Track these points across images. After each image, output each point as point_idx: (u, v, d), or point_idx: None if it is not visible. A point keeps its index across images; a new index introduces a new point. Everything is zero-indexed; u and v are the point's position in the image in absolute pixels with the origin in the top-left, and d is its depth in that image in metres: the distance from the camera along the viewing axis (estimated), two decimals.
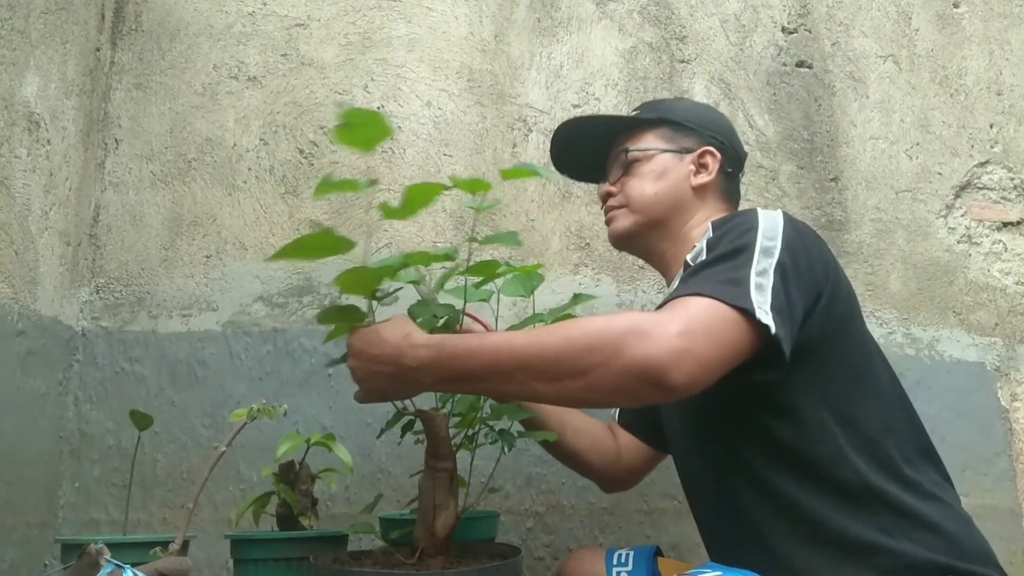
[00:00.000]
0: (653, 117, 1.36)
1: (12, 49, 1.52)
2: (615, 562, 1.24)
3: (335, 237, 1.06)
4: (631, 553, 1.23)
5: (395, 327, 1.02)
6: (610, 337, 0.92)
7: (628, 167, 1.34)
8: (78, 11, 1.74)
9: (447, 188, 1.14)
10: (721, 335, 0.95)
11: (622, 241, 1.36)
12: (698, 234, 1.25)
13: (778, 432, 1.05)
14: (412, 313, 1.26)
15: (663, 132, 1.35)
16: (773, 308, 0.97)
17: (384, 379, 1.01)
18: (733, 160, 1.36)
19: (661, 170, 1.32)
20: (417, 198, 1.10)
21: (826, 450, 1.03)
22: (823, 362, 1.05)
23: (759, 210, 1.12)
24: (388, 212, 1.11)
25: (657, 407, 1.40)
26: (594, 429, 1.47)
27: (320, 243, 1.08)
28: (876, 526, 1.00)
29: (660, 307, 1.10)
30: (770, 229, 1.06)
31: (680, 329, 0.92)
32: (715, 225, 1.15)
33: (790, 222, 1.09)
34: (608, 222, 1.36)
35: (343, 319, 1.19)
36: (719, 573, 0.95)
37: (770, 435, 1.06)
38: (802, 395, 1.04)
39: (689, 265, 1.11)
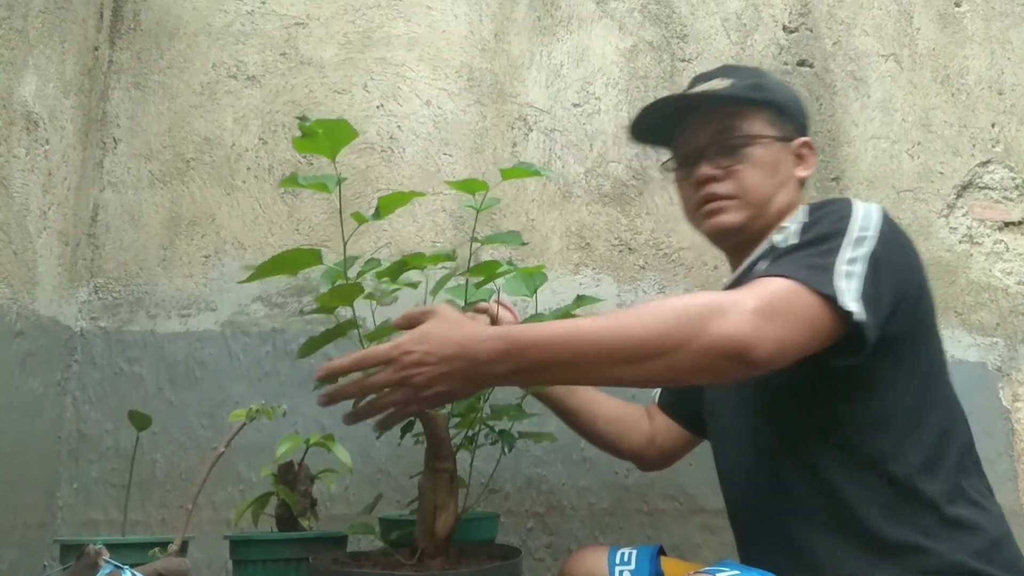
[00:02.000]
0: (761, 98, 1.24)
1: (10, 48, 1.52)
2: (618, 561, 1.23)
3: (305, 252, 1.15)
4: (634, 552, 1.23)
5: (453, 323, 0.97)
6: (690, 317, 0.92)
7: (738, 151, 1.21)
8: (76, 10, 1.74)
9: (420, 195, 1.22)
10: (800, 317, 0.95)
11: (728, 236, 1.26)
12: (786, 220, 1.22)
13: (843, 418, 1.06)
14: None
15: (770, 116, 1.24)
16: (862, 296, 0.97)
17: (453, 379, 0.95)
18: None
19: (775, 161, 1.22)
20: (389, 206, 1.18)
21: (885, 443, 1.03)
22: (901, 357, 1.06)
23: (855, 200, 1.10)
24: (360, 218, 1.18)
25: (700, 391, 1.38)
26: (627, 416, 1.46)
27: (291, 259, 1.16)
28: (917, 527, 1.00)
29: (731, 287, 1.14)
30: (865, 219, 1.05)
31: (758, 306, 0.93)
32: (811, 209, 1.13)
33: (887, 217, 1.08)
34: (711, 213, 1.24)
35: (329, 338, 1.22)
36: (736, 572, 0.94)
37: (833, 420, 1.06)
38: (876, 385, 1.05)
39: (776, 248, 1.09)
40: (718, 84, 1.24)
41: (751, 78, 1.27)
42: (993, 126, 2.00)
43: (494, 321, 1.24)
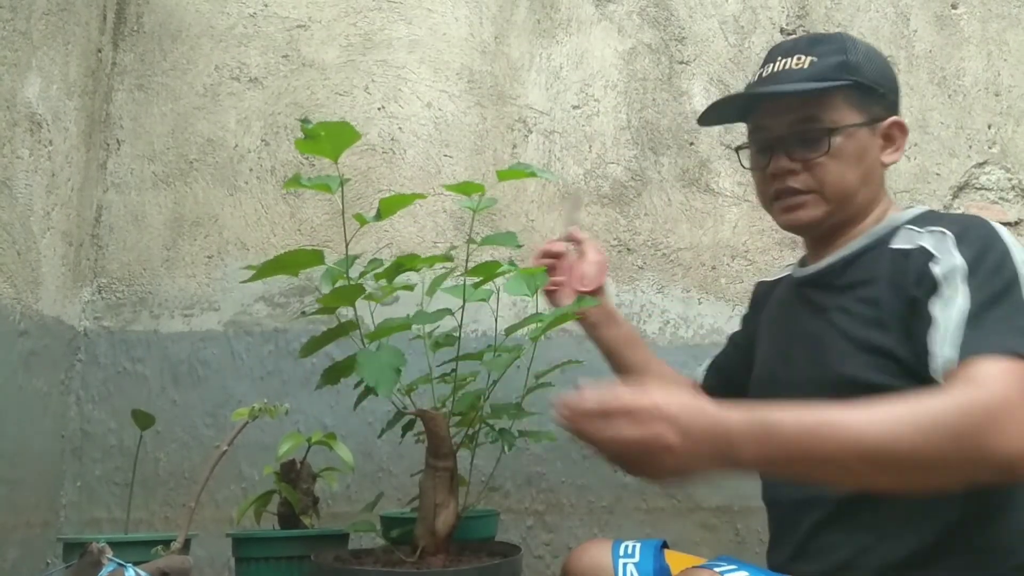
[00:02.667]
0: (846, 79, 1.11)
1: (14, 50, 1.53)
2: (622, 553, 1.22)
3: (307, 252, 1.17)
4: (638, 545, 1.22)
5: (701, 400, 0.89)
6: (969, 431, 0.84)
7: (820, 143, 1.11)
8: (80, 12, 1.75)
9: (421, 197, 1.22)
10: None
11: (806, 231, 1.19)
12: (876, 218, 1.14)
13: None
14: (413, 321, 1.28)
15: (855, 99, 1.12)
16: None
17: (702, 459, 0.86)
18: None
19: (860, 150, 1.12)
20: (390, 207, 1.19)
21: None
22: None
23: (988, 221, 1.03)
24: (361, 220, 1.19)
25: (747, 374, 1.30)
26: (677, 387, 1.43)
27: (293, 260, 1.18)
28: (1004, 535, 0.99)
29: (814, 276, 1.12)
30: (1019, 251, 0.99)
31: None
32: (958, 234, 1.01)
33: (1012, 238, 1.02)
34: (788, 208, 1.15)
35: (330, 338, 1.24)
36: (734, 567, 0.95)
37: None
38: None
39: (931, 274, 1.00)
40: (797, 63, 1.13)
41: (836, 53, 1.13)
42: (989, 127, 2.01)
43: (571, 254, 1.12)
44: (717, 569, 0.93)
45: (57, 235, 1.67)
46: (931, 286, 0.99)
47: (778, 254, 1.88)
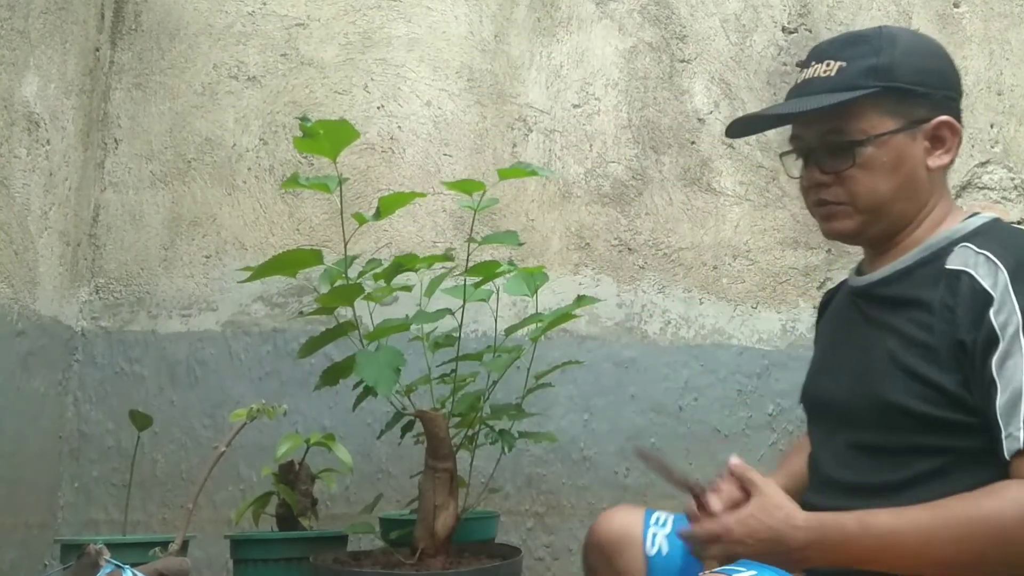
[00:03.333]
0: (875, 87, 1.06)
1: (12, 49, 1.52)
2: (652, 522, 1.22)
3: (306, 252, 1.17)
4: (671, 516, 1.22)
5: (773, 506, 0.99)
6: (1009, 539, 0.88)
7: (849, 154, 1.07)
8: (77, 11, 1.74)
9: (420, 196, 1.22)
10: None
11: (847, 240, 1.16)
12: (932, 225, 1.10)
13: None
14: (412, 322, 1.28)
15: (888, 104, 1.06)
16: None
17: (776, 562, 0.96)
18: (960, 114, 1.11)
19: (895, 159, 1.07)
20: (389, 206, 1.19)
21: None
22: None
23: None
24: (360, 219, 1.19)
25: None
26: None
27: (292, 259, 1.19)
28: None
29: (879, 282, 1.09)
30: None
31: None
32: (1012, 271, 0.97)
33: None
34: (824, 217, 1.12)
35: (329, 338, 1.24)
36: (754, 572, 0.95)
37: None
38: None
39: (991, 325, 0.96)
40: (824, 71, 1.10)
41: (869, 56, 1.07)
42: (992, 127, 2.00)
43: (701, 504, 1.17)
44: (736, 575, 0.93)
45: (55, 235, 1.67)
46: (990, 337, 0.95)
47: (780, 254, 1.87)
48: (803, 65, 1.16)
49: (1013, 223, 1.97)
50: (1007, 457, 0.92)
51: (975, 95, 2.02)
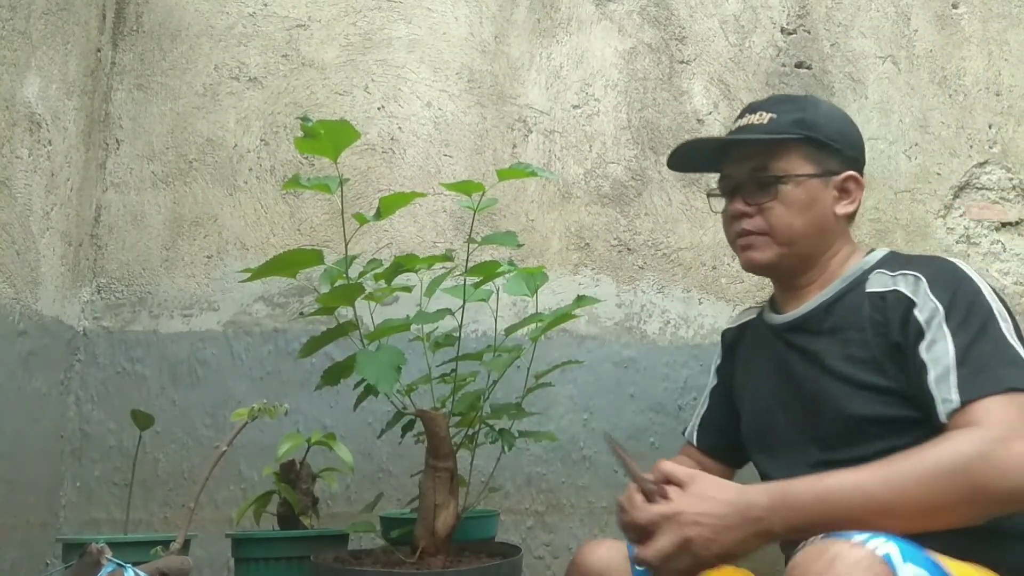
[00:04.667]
0: (799, 135, 1.23)
1: (13, 50, 1.53)
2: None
3: (306, 252, 1.18)
4: None
5: (717, 486, 1.00)
6: (968, 475, 0.93)
7: (770, 189, 1.23)
8: (79, 12, 1.75)
9: (420, 196, 1.23)
10: None
11: (759, 271, 1.29)
12: (840, 263, 1.24)
13: None
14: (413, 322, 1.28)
15: (808, 152, 1.23)
16: None
17: (732, 536, 0.96)
18: (862, 175, 1.28)
19: (809, 199, 1.22)
20: (390, 207, 1.21)
21: None
22: None
23: (954, 260, 1.14)
24: (361, 219, 1.20)
25: (736, 424, 1.36)
26: None
27: (293, 260, 1.21)
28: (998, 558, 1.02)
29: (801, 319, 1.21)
30: (985, 286, 1.10)
31: (1018, 440, 0.94)
32: (930, 278, 1.11)
33: (978, 275, 1.13)
34: (743, 248, 1.26)
35: (330, 338, 1.25)
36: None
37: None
38: None
39: (916, 321, 1.08)
40: (758, 120, 1.25)
41: (796, 111, 1.25)
42: (990, 127, 2.00)
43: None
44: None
45: (56, 235, 1.67)
46: (917, 332, 1.08)
47: None
48: (739, 116, 1.31)
49: (1012, 223, 1.97)
50: (944, 420, 1.01)
51: (974, 96, 2.02)
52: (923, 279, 1.11)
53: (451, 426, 1.26)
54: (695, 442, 1.44)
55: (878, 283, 1.16)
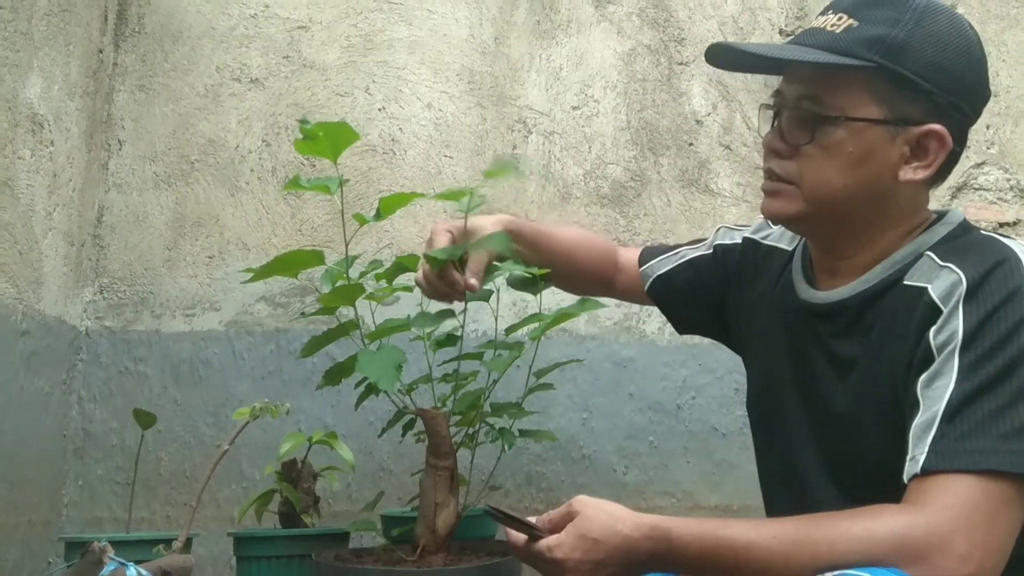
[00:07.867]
0: (871, 62, 0.89)
1: (15, 51, 1.53)
2: None
3: (307, 253, 1.19)
4: None
5: (601, 522, 0.93)
6: (877, 561, 0.76)
7: (815, 130, 0.92)
8: (81, 13, 1.76)
9: (420, 196, 1.24)
10: (1011, 524, 0.78)
11: (784, 224, 1.04)
12: (896, 239, 0.95)
13: None
14: (414, 323, 1.29)
15: (880, 87, 0.90)
16: None
17: (610, 571, 0.90)
18: (964, 133, 0.95)
19: (862, 152, 0.91)
20: (390, 207, 1.21)
21: None
22: None
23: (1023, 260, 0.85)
24: (361, 220, 1.21)
25: (696, 315, 1.23)
26: (593, 274, 1.29)
27: (294, 260, 1.20)
28: None
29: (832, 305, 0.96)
30: None
31: (966, 551, 0.75)
32: (971, 283, 0.84)
33: None
34: (765, 192, 0.99)
35: (331, 338, 1.26)
36: None
37: None
38: None
39: (929, 344, 0.85)
40: (832, 25, 0.93)
41: (885, 25, 0.90)
42: (988, 128, 2.01)
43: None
44: None
45: (59, 235, 1.68)
46: (926, 356, 0.85)
47: None
48: (821, 13, 0.98)
49: (1009, 224, 1.98)
50: (905, 480, 0.82)
51: None
52: (964, 282, 0.85)
53: (451, 425, 1.27)
54: (647, 287, 1.28)
55: (920, 274, 0.90)
